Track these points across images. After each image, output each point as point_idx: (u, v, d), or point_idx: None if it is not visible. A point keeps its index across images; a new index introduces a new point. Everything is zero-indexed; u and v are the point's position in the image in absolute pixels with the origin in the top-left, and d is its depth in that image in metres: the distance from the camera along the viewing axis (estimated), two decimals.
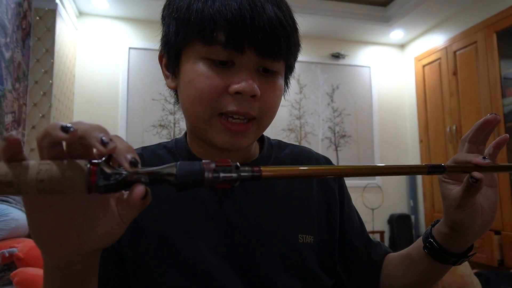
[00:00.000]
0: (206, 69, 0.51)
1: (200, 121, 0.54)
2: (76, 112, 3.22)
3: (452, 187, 0.52)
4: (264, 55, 0.51)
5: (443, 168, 0.45)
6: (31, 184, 0.29)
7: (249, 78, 0.51)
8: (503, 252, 2.74)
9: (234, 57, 0.51)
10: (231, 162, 0.34)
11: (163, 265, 0.54)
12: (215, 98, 0.51)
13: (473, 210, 0.50)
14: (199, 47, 0.51)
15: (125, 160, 0.31)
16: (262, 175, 0.34)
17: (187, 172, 0.33)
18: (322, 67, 3.85)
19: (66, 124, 0.29)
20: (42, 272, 1.37)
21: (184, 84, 0.54)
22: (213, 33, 0.49)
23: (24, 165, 0.29)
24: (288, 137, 3.65)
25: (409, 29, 3.68)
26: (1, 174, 0.28)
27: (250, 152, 0.64)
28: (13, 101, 2.37)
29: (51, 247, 0.34)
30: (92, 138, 0.30)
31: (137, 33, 3.39)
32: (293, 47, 0.55)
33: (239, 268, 0.55)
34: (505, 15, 2.75)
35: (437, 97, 3.44)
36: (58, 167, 0.30)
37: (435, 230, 0.56)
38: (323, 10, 3.44)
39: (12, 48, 2.35)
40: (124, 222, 0.34)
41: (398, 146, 3.97)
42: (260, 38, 0.49)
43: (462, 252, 0.55)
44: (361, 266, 0.67)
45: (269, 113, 0.56)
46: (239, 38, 0.49)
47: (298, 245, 0.59)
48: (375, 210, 3.63)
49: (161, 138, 3.33)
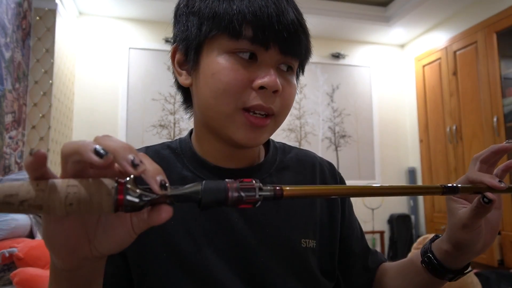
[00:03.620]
0: (232, 63, 0.52)
1: (221, 116, 0.54)
2: (76, 112, 3.22)
3: (459, 206, 0.52)
4: (287, 52, 0.53)
5: (457, 189, 0.46)
6: (60, 208, 0.29)
7: (273, 74, 0.52)
8: (503, 252, 2.74)
9: (259, 52, 0.52)
10: (254, 182, 0.35)
11: (167, 267, 0.54)
12: (240, 92, 0.52)
13: (477, 231, 0.50)
14: (225, 41, 0.52)
15: (154, 182, 0.31)
16: (284, 194, 0.36)
17: (212, 192, 0.33)
18: (322, 67, 3.85)
19: (99, 148, 0.29)
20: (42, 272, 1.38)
21: (206, 77, 0.54)
22: (241, 27, 0.50)
23: (52, 187, 0.29)
24: (288, 137, 3.65)
25: (409, 29, 3.68)
26: (30, 198, 0.29)
27: (256, 155, 0.64)
28: (13, 101, 2.37)
29: (63, 254, 0.35)
30: (122, 159, 0.30)
31: (137, 33, 3.39)
32: (309, 48, 0.58)
33: (242, 272, 0.56)
34: (505, 15, 2.75)
35: (437, 97, 3.44)
36: (85, 189, 0.30)
37: (435, 246, 0.56)
38: (323, 10, 3.44)
39: (12, 48, 2.35)
40: (135, 233, 0.34)
41: (398, 146, 3.97)
42: (285, 35, 0.51)
43: (459, 268, 0.55)
44: (358, 272, 0.67)
45: (286, 110, 0.57)
46: (266, 34, 0.50)
47: (301, 250, 0.59)
48: (375, 210, 3.63)
49: (161, 138, 3.33)
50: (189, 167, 0.60)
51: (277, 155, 0.66)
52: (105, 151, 0.29)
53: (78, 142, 0.30)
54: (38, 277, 1.47)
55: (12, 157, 2.38)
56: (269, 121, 0.54)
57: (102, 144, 0.30)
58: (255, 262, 0.56)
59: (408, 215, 3.75)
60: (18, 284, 1.45)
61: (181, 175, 0.59)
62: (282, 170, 0.64)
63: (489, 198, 0.46)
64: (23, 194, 0.28)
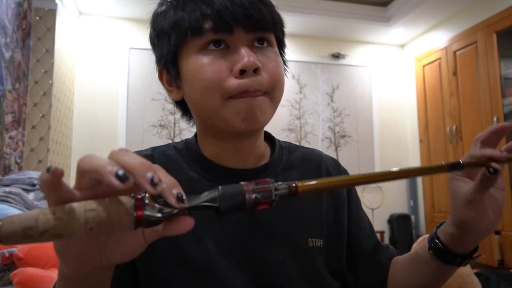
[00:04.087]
0: (205, 58, 0.53)
1: (213, 111, 0.54)
2: (76, 112, 3.22)
3: (462, 184, 0.52)
4: (252, 29, 0.53)
5: (462, 164, 0.47)
6: (81, 233, 0.29)
7: (246, 54, 0.52)
8: (503, 252, 2.74)
9: (227, 39, 0.53)
10: (270, 182, 0.35)
11: (174, 269, 0.54)
12: (222, 83, 0.52)
13: (481, 207, 0.51)
14: (192, 42, 0.54)
15: (172, 196, 0.30)
16: (299, 190, 0.36)
17: (229, 197, 0.33)
18: (322, 67, 3.85)
19: (121, 173, 0.29)
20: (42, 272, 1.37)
21: (189, 81, 0.55)
22: (199, 22, 0.52)
23: (70, 214, 0.29)
24: (288, 137, 3.64)
25: (409, 29, 3.68)
26: (50, 228, 0.28)
27: (261, 154, 0.63)
28: (13, 101, 2.37)
29: (75, 265, 0.35)
30: (141, 177, 0.29)
31: (138, 33, 3.39)
32: (276, 18, 0.57)
33: (248, 271, 0.55)
34: (505, 15, 2.75)
35: (437, 97, 3.44)
36: (104, 211, 0.29)
37: (440, 231, 0.56)
38: (323, 10, 3.44)
39: (12, 48, 2.35)
40: (146, 243, 0.35)
41: (398, 146, 3.97)
42: (243, 14, 0.52)
43: (467, 253, 0.55)
44: (369, 269, 0.67)
45: (277, 85, 0.56)
46: (224, 19, 0.51)
47: (308, 249, 0.59)
48: (375, 210, 3.63)
49: (161, 138, 3.33)
50: (195, 168, 0.60)
51: (283, 155, 0.66)
52: (126, 175, 0.29)
53: (98, 161, 0.30)
54: (38, 277, 1.47)
55: (12, 157, 2.38)
56: (261, 98, 0.54)
57: (120, 161, 0.30)
58: (262, 262, 0.56)
59: (408, 215, 3.75)
60: (18, 284, 1.45)
61: (188, 176, 0.59)
62: (288, 169, 0.64)
63: (495, 168, 0.47)
64: (41, 225, 0.28)
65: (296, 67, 3.76)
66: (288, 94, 3.69)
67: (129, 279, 0.56)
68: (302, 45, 3.81)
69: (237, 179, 0.59)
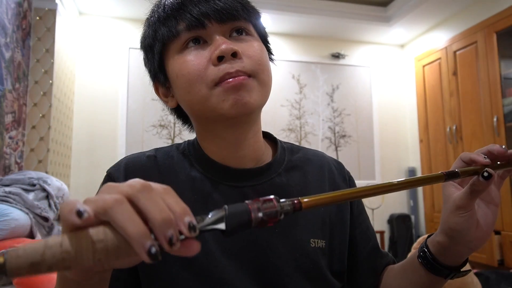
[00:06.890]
0: (186, 56, 0.56)
1: (201, 104, 0.55)
2: (76, 112, 3.22)
3: (454, 189, 0.52)
4: (224, 20, 0.55)
5: (457, 173, 0.48)
6: (89, 264, 0.29)
7: (221, 41, 0.54)
8: (503, 252, 2.74)
9: (202, 34, 0.56)
10: (274, 201, 0.35)
11: (176, 270, 0.54)
12: (203, 73, 0.54)
13: (470, 216, 0.50)
14: (172, 45, 0.57)
15: (183, 225, 0.31)
16: (303, 206, 0.36)
17: (235, 216, 0.34)
18: (322, 67, 3.85)
19: (149, 246, 0.29)
20: None
21: (175, 82, 0.58)
22: (174, 25, 0.56)
23: (78, 248, 0.29)
24: (288, 137, 3.64)
25: (409, 29, 3.68)
26: (57, 262, 0.28)
27: (261, 152, 0.63)
28: (13, 101, 2.37)
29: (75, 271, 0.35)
30: (160, 234, 0.30)
31: (138, 33, 3.37)
32: (247, 6, 0.59)
33: (251, 272, 0.56)
34: (505, 15, 2.75)
35: (437, 97, 3.44)
36: (113, 241, 0.29)
37: (430, 240, 0.56)
38: (323, 10, 3.44)
39: (12, 48, 2.35)
40: None
41: (398, 146, 3.97)
42: (212, 7, 0.54)
43: (455, 266, 0.54)
44: (365, 274, 0.67)
45: (261, 66, 0.57)
46: (194, 16, 0.54)
47: (310, 250, 0.59)
48: (375, 210, 3.63)
49: (161, 138, 3.33)
50: (197, 168, 0.61)
51: (285, 155, 0.66)
52: (154, 250, 0.29)
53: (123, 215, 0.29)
54: (38, 278, 1.47)
55: (12, 157, 2.38)
56: (246, 80, 0.54)
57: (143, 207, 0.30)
58: (265, 263, 0.56)
59: (408, 215, 3.75)
60: (18, 284, 1.45)
61: (190, 176, 0.60)
62: (290, 169, 0.65)
63: (489, 173, 0.48)
64: (49, 259, 0.28)
65: (296, 67, 3.76)
66: (288, 94, 3.70)
67: (129, 279, 0.56)
68: (302, 45, 3.81)
69: (239, 178, 0.59)
